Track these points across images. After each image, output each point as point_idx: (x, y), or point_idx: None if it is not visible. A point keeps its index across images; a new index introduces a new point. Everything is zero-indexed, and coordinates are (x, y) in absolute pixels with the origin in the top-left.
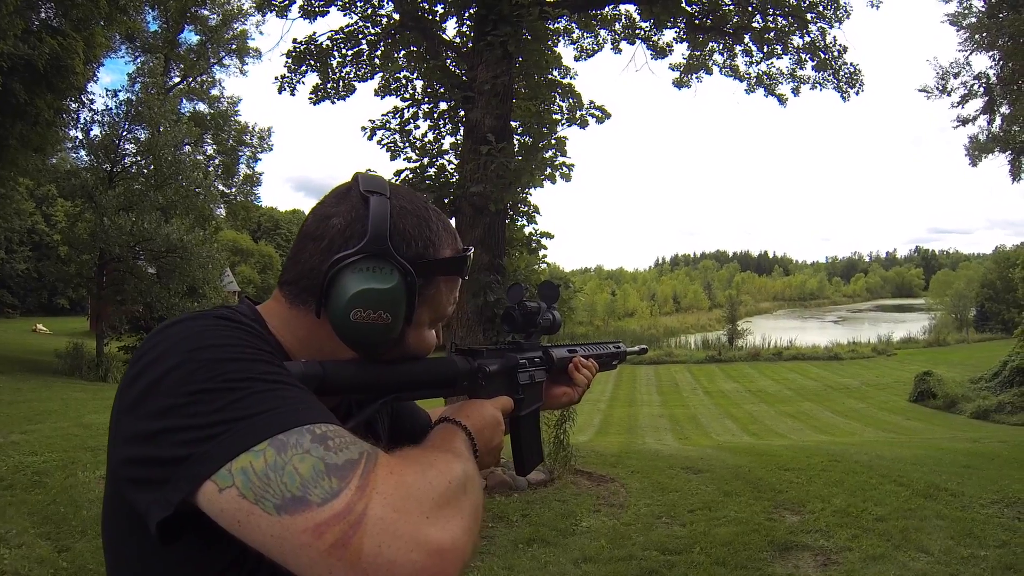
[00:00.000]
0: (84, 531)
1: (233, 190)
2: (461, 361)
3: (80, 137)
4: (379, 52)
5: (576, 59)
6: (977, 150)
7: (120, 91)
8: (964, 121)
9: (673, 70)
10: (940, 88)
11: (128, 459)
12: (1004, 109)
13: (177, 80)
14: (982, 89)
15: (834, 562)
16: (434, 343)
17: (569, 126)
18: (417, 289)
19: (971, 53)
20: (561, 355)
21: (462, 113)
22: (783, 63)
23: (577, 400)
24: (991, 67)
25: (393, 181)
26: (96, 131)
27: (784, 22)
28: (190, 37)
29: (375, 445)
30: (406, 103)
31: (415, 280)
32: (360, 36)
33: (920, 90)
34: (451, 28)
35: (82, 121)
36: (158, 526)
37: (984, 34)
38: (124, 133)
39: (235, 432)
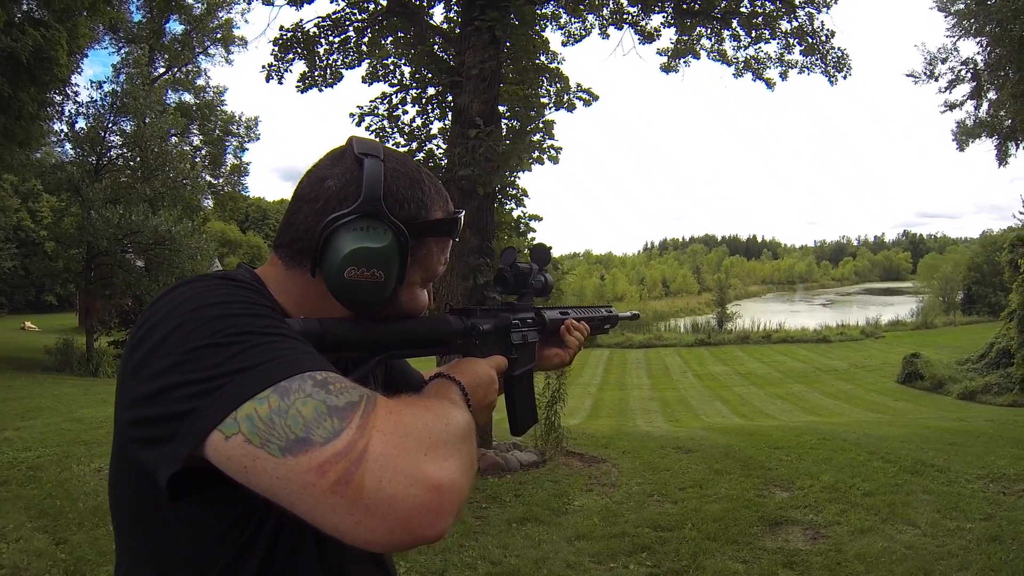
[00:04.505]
0: (81, 523)
1: (220, 180)
2: (455, 320)
3: (65, 130)
4: (366, 39)
5: (564, 44)
6: (964, 135)
7: (105, 83)
8: (952, 106)
9: (661, 55)
10: (928, 73)
11: (133, 420)
12: (991, 94)
13: (162, 70)
14: (969, 75)
15: (823, 536)
16: (426, 303)
17: (557, 110)
18: (409, 249)
19: (959, 39)
20: (553, 316)
21: (450, 98)
22: (771, 47)
23: (569, 362)
24: (978, 53)
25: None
26: (81, 123)
27: (772, 7)
28: (175, 27)
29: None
30: (394, 89)
31: (408, 240)
32: (347, 23)
33: (908, 75)
34: (438, 13)
35: (67, 114)
36: (168, 481)
37: (972, 20)
38: (109, 125)
39: (238, 382)
